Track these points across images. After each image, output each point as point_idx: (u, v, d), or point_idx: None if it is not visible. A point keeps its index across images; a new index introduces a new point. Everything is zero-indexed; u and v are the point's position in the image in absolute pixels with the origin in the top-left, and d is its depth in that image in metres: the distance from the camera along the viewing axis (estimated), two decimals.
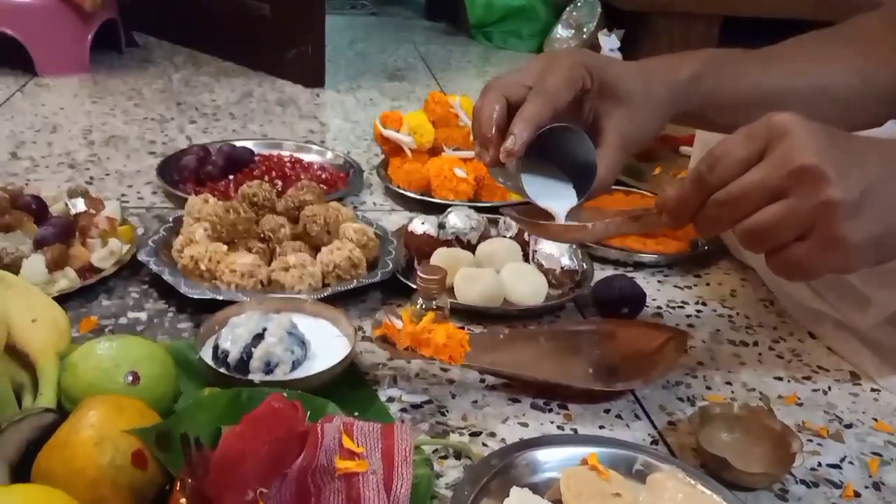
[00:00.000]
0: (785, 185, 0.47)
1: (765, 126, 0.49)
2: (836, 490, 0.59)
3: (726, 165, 0.49)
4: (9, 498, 0.42)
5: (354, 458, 0.48)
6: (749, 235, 0.49)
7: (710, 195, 0.50)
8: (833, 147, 0.47)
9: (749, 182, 0.48)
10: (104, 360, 0.55)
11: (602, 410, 0.66)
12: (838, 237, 0.47)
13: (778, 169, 0.47)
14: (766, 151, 0.48)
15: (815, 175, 0.46)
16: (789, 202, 0.47)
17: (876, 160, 0.49)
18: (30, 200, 0.85)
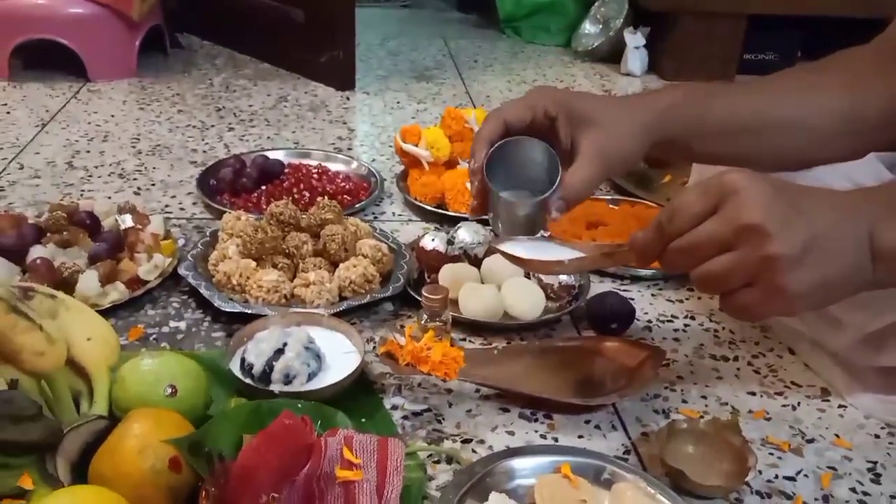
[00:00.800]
0: (732, 239, 0.53)
1: (718, 183, 0.54)
2: (788, 501, 0.66)
3: (683, 217, 0.56)
4: (73, 497, 0.52)
5: (353, 467, 0.57)
6: (701, 281, 0.56)
7: (669, 242, 0.57)
8: (778, 204, 0.52)
9: (702, 234, 0.54)
10: (148, 375, 0.65)
11: (583, 421, 0.73)
12: (780, 286, 0.52)
13: (727, 224, 0.53)
14: (718, 206, 0.54)
15: (758, 231, 0.51)
16: (736, 254, 0.53)
17: (820, 213, 0.54)
18: (84, 217, 0.95)
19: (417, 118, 1.51)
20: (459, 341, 0.83)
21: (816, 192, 0.57)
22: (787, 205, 0.53)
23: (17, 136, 1.31)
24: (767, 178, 0.55)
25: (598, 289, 0.93)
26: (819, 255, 0.53)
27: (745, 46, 1.82)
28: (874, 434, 0.74)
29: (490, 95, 1.66)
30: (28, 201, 1.10)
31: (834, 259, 0.53)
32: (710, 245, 0.54)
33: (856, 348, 0.75)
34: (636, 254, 0.61)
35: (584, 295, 0.90)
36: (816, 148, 0.74)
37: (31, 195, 1.12)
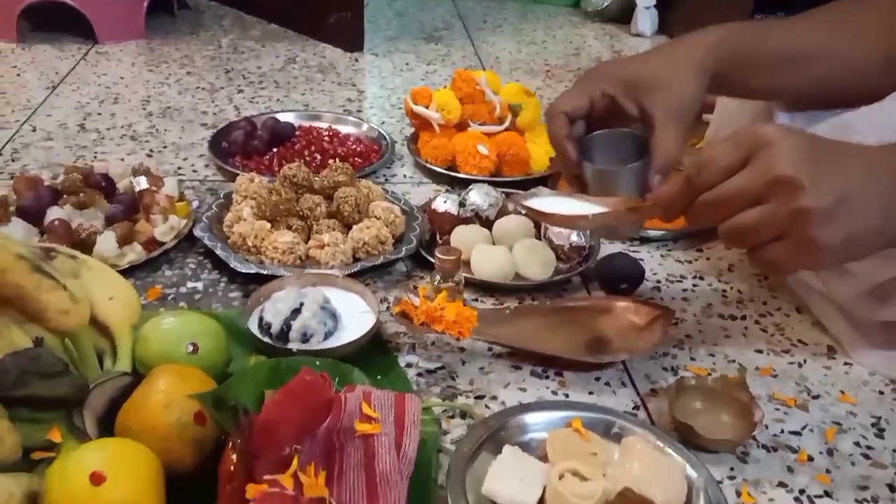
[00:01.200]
0: (764, 192, 0.53)
1: (750, 136, 0.55)
2: (793, 455, 0.68)
3: (713, 170, 0.56)
4: (106, 448, 0.54)
5: (371, 421, 0.58)
6: (731, 234, 0.56)
7: (697, 196, 0.57)
8: (811, 158, 0.53)
9: (732, 187, 0.55)
10: (169, 334, 0.67)
11: (593, 378, 0.75)
12: (811, 240, 0.53)
13: (759, 177, 0.53)
14: (749, 159, 0.54)
15: (791, 184, 0.52)
16: (767, 207, 0.53)
17: (852, 169, 0.54)
18: (100, 178, 0.97)
19: (427, 80, 1.51)
20: (472, 302, 0.85)
21: (848, 147, 0.57)
22: (820, 159, 0.53)
23: (29, 99, 1.32)
24: (801, 132, 0.55)
25: (608, 250, 0.94)
26: (850, 209, 0.53)
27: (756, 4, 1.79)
28: (878, 390, 0.75)
29: (499, 57, 1.65)
30: (42, 163, 1.11)
31: (864, 214, 0.54)
32: (740, 198, 0.54)
33: (861, 300, 0.75)
34: (662, 208, 0.62)
35: (595, 256, 0.91)
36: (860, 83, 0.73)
37: (44, 157, 1.13)
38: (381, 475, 0.56)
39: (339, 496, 0.55)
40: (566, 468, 0.60)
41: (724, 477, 0.65)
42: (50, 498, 0.51)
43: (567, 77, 1.56)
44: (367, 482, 0.56)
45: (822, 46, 0.72)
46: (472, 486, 0.60)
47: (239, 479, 0.51)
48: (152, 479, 0.53)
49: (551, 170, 1.11)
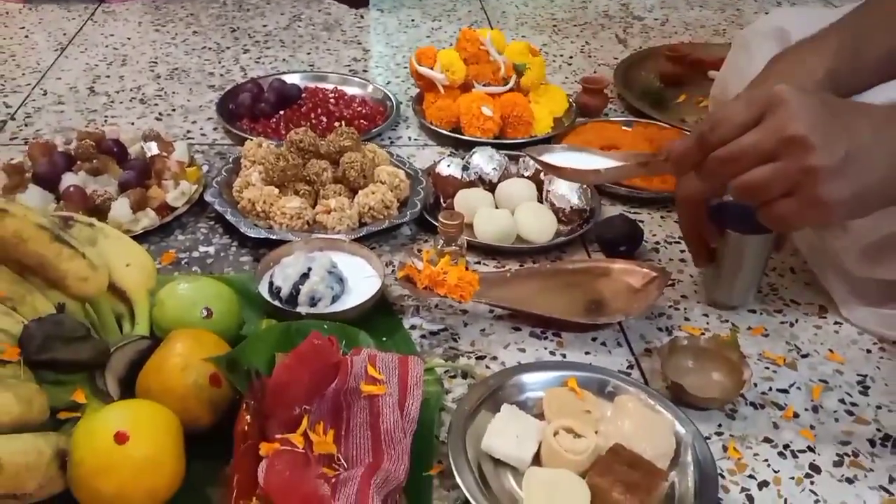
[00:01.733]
0: (776, 150, 0.55)
1: (764, 95, 0.56)
2: (779, 411, 0.71)
3: (727, 127, 0.57)
4: (129, 409, 0.58)
5: (376, 383, 0.62)
6: (743, 190, 0.58)
7: (710, 152, 0.58)
8: (823, 117, 0.54)
9: (745, 144, 0.56)
10: (185, 299, 0.70)
11: (590, 339, 0.78)
12: (819, 197, 0.55)
13: (771, 135, 0.55)
14: (762, 117, 0.56)
15: (802, 143, 0.54)
16: (779, 165, 0.55)
17: (862, 126, 0.56)
18: (111, 144, 0.99)
19: (432, 37, 1.51)
20: (474, 264, 0.87)
21: (858, 106, 0.59)
22: (831, 117, 0.55)
23: (38, 62, 1.33)
24: (813, 92, 0.56)
25: (609, 212, 0.96)
26: (858, 166, 0.54)
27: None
28: (866, 349, 0.78)
29: (506, 11, 1.64)
30: (54, 128, 1.13)
31: (872, 171, 0.55)
32: (753, 155, 0.56)
33: (857, 256, 0.77)
34: (674, 163, 0.63)
35: (595, 218, 0.93)
36: None
37: (56, 121, 1.15)
38: (386, 433, 0.59)
39: (346, 453, 0.59)
40: (560, 425, 0.63)
41: (712, 433, 0.68)
42: (77, 456, 0.54)
43: (573, 32, 1.55)
44: (373, 439, 0.59)
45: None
46: (471, 442, 0.63)
47: (253, 437, 0.55)
48: (173, 438, 0.57)
49: (555, 131, 1.12)
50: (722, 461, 0.65)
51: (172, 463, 0.56)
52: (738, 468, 0.65)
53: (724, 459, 0.66)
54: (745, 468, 0.65)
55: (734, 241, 0.76)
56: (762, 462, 0.66)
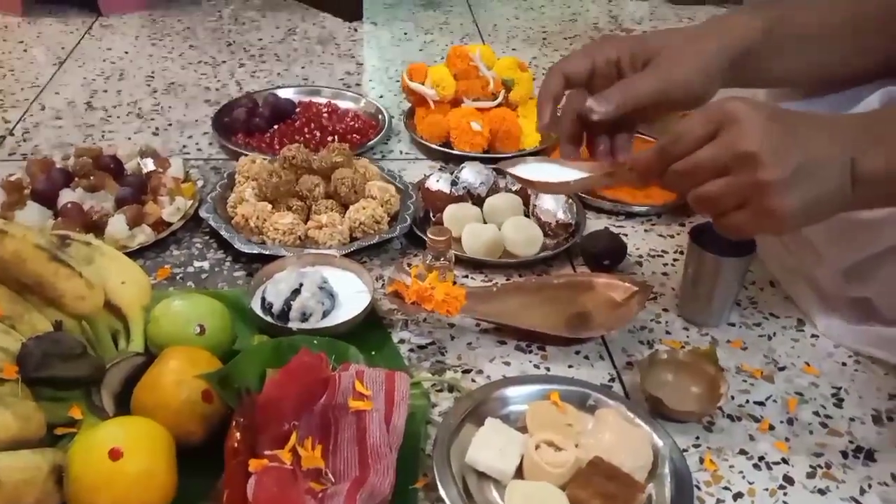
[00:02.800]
0: (729, 165, 0.58)
1: (719, 111, 0.59)
2: (756, 423, 0.73)
3: (685, 142, 0.60)
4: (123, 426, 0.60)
5: (363, 399, 0.64)
6: (698, 201, 0.61)
7: (670, 163, 0.61)
8: (773, 132, 0.57)
9: (701, 159, 0.59)
10: (179, 316, 0.72)
11: (573, 352, 0.80)
12: (769, 209, 0.57)
13: (724, 151, 0.58)
14: (718, 132, 0.59)
15: (753, 158, 0.56)
16: (731, 179, 0.58)
17: (813, 139, 0.58)
18: (108, 161, 1.01)
19: (425, 50, 1.53)
20: (461, 278, 0.90)
21: (810, 118, 0.61)
22: (782, 132, 0.57)
23: (37, 76, 1.36)
24: (766, 107, 0.59)
25: (594, 225, 0.98)
26: (806, 180, 0.57)
27: None
28: (841, 362, 0.80)
29: (497, 24, 1.67)
30: (53, 143, 1.15)
31: (820, 183, 0.58)
32: (707, 169, 0.59)
33: (834, 279, 0.80)
34: (638, 173, 0.65)
35: (581, 232, 0.95)
36: None
37: (55, 137, 1.17)
38: (372, 448, 0.61)
39: (333, 467, 0.61)
40: (542, 439, 0.66)
41: (690, 445, 0.70)
42: (73, 472, 0.57)
43: (563, 45, 1.58)
44: (360, 454, 0.61)
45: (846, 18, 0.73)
46: (456, 455, 0.65)
47: (243, 453, 0.57)
48: (166, 453, 0.59)
49: (543, 145, 1.14)
50: (698, 473, 0.68)
51: (165, 478, 0.59)
52: (714, 480, 0.67)
53: (701, 471, 0.68)
54: (721, 479, 0.67)
55: (712, 262, 0.79)
56: (737, 474, 0.68)
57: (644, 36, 0.71)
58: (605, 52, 0.70)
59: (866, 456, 0.70)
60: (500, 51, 1.49)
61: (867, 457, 0.70)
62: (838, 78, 0.77)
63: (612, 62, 0.70)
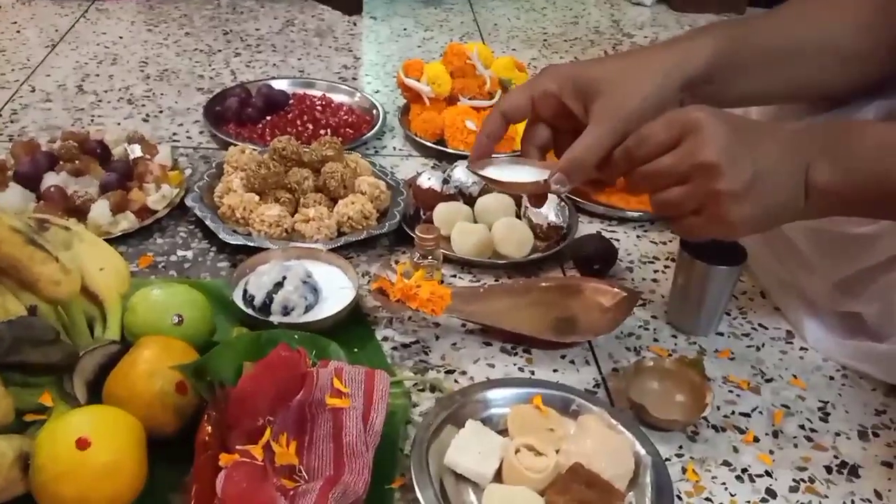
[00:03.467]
0: (688, 173, 0.59)
1: (683, 119, 0.60)
2: (740, 435, 0.72)
3: (648, 146, 0.61)
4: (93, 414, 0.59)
5: (341, 396, 0.62)
6: (659, 206, 0.63)
7: (634, 166, 0.62)
8: (732, 143, 0.58)
9: (662, 166, 0.61)
10: (157, 305, 0.71)
11: (559, 356, 0.79)
12: (722, 217, 0.59)
13: (685, 159, 0.59)
14: (680, 140, 0.60)
15: (711, 168, 0.58)
16: (689, 187, 0.60)
17: (767, 151, 0.60)
18: (95, 145, 0.99)
19: (423, 47, 1.52)
20: (450, 278, 0.88)
21: (767, 129, 0.63)
22: (740, 143, 0.59)
23: (28, 57, 1.34)
24: (728, 117, 0.60)
25: (586, 229, 0.97)
26: (760, 189, 0.59)
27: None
28: (829, 376, 0.79)
29: (497, 24, 1.66)
30: (40, 125, 1.14)
31: (773, 193, 0.60)
32: (668, 176, 0.61)
33: (825, 293, 0.80)
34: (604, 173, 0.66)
35: (572, 235, 0.94)
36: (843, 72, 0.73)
37: (43, 119, 1.15)
38: (348, 446, 0.60)
39: (308, 464, 0.59)
40: (522, 443, 0.64)
41: (673, 454, 0.69)
42: (39, 461, 0.55)
43: (563, 47, 1.57)
44: (335, 452, 0.60)
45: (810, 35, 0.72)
46: (435, 456, 0.64)
47: (213, 447, 0.56)
48: (135, 445, 0.58)
49: None
50: (680, 483, 0.66)
51: (133, 469, 0.57)
52: (696, 490, 0.66)
53: (683, 481, 0.67)
54: (703, 490, 0.66)
55: (702, 271, 0.78)
56: (720, 485, 0.67)
57: (586, 65, 0.69)
58: (544, 85, 0.68)
59: (850, 472, 0.69)
60: (499, 51, 1.49)
61: (851, 472, 0.69)
62: (813, 94, 0.77)
63: (551, 94, 0.67)
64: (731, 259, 0.78)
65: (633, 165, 0.62)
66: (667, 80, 0.66)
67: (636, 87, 0.66)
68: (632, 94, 0.65)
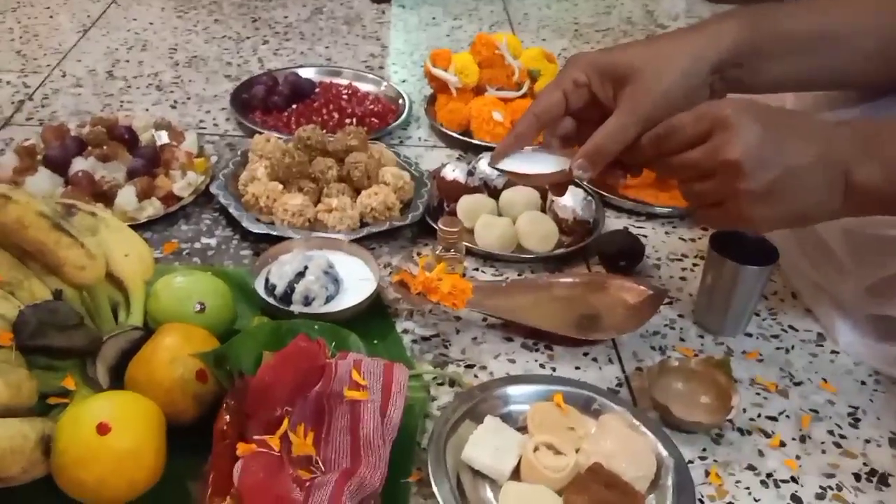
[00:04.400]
0: (713, 169, 0.59)
1: (713, 114, 0.59)
2: (766, 439, 0.70)
3: (677, 138, 0.61)
4: (113, 400, 0.59)
5: (360, 388, 0.62)
6: (685, 195, 0.63)
7: (662, 155, 0.62)
8: (761, 142, 0.57)
9: (689, 160, 0.60)
10: (179, 292, 0.71)
11: (581, 353, 0.78)
12: (744, 215, 0.60)
13: (710, 156, 0.59)
14: (709, 135, 0.59)
15: (734, 168, 0.58)
16: (712, 183, 0.60)
17: (798, 151, 0.59)
18: (123, 131, 1.00)
19: (452, 36, 1.50)
20: (472, 271, 0.87)
21: (803, 126, 0.61)
22: (770, 142, 0.58)
23: (60, 42, 1.35)
24: (762, 113, 0.58)
25: (613, 225, 0.96)
26: (787, 190, 0.59)
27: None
28: (860, 380, 0.77)
29: (528, 13, 1.64)
30: (71, 110, 1.15)
31: (803, 193, 0.59)
32: (694, 170, 0.61)
33: (858, 295, 0.77)
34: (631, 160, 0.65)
35: (598, 231, 0.93)
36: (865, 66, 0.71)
37: (73, 104, 1.16)
38: (365, 439, 0.60)
39: (324, 456, 0.59)
40: (541, 441, 0.64)
41: (696, 457, 0.68)
42: (60, 444, 0.55)
43: (595, 38, 1.54)
44: (352, 445, 0.60)
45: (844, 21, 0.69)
46: (452, 451, 0.64)
47: (231, 437, 0.56)
48: (155, 431, 0.58)
49: None
50: (703, 486, 0.65)
51: (153, 455, 0.57)
52: (719, 495, 0.65)
53: (705, 485, 0.65)
54: (726, 495, 0.65)
55: (732, 270, 0.76)
56: (743, 490, 0.65)
57: (614, 52, 0.67)
58: (573, 75, 0.66)
59: (880, 480, 0.67)
60: (529, 41, 1.47)
61: (881, 481, 0.67)
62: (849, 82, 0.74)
63: (582, 84, 0.66)
64: (761, 259, 0.76)
65: (660, 155, 0.62)
66: (696, 64, 0.64)
67: (664, 72, 0.64)
68: (659, 81, 0.64)
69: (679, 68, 0.64)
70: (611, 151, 0.64)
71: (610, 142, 0.64)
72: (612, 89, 0.65)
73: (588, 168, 0.64)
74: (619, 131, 0.63)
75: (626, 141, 0.64)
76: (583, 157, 0.64)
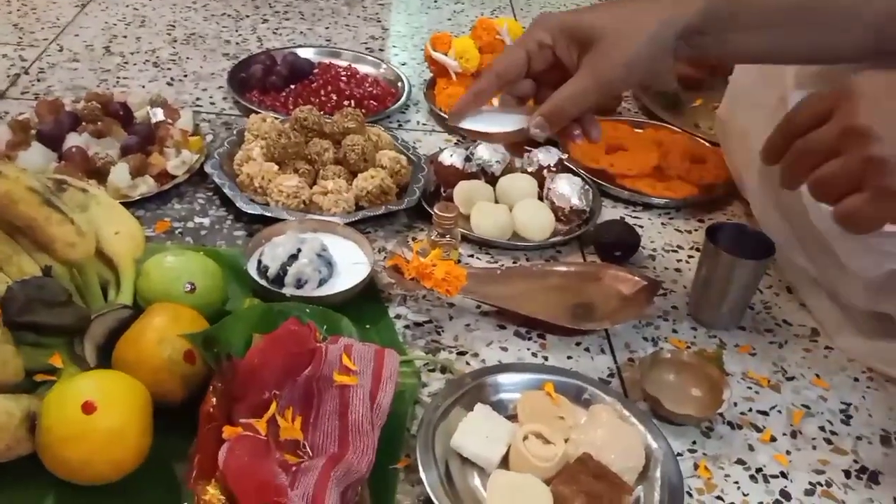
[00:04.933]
0: (838, 143, 0.52)
1: (837, 89, 0.53)
2: (757, 433, 0.70)
3: (797, 122, 0.55)
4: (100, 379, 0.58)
5: (349, 373, 0.62)
6: (814, 187, 0.55)
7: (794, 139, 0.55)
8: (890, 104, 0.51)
9: (812, 140, 0.54)
10: (170, 272, 0.70)
11: (574, 343, 0.77)
12: (887, 189, 0.50)
13: (834, 128, 0.52)
14: (833, 111, 0.53)
15: (862, 134, 0.50)
16: (842, 159, 0.52)
17: None
18: (118, 107, 0.99)
19: (453, 20, 1.49)
20: (467, 257, 0.87)
21: None
22: None
23: (58, 17, 1.33)
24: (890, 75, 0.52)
25: (609, 214, 0.95)
26: None
27: None
28: (853, 377, 0.77)
29: None
30: (66, 85, 1.13)
31: None
32: (819, 150, 0.53)
33: (856, 292, 0.77)
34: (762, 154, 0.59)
35: (594, 220, 0.92)
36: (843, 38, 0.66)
37: (69, 79, 1.15)
38: (354, 424, 0.59)
39: (312, 440, 0.59)
40: (531, 430, 0.63)
41: (685, 450, 0.67)
42: (45, 422, 0.55)
43: None
44: (340, 429, 0.59)
45: None
46: (441, 438, 0.63)
47: (218, 419, 0.55)
48: (141, 411, 0.58)
49: None
50: (691, 479, 0.65)
51: (139, 436, 0.57)
52: (707, 488, 0.64)
53: (694, 478, 0.65)
54: (714, 488, 0.64)
55: (727, 262, 0.76)
56: (732, 484, 0.65)
57: (580, 13, 0.65)
58: (537, 36, 0.64)
59: (870, 478, 0.67)
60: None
61: (871, 479, 0.67)
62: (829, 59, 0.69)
63: (545, 45, 0.64)
64: (758, 252, 0.75)
65: (789, 142, 0.56)
66: (662, 29, 0.62)
67: (630, 37, 0.62)
68: (625, 45, 0.62)
69: (646, 33, 0.62)
70: (570, 114, 0.64)
71: (570, 104, 0.63)
72: (576, 52, 0.64)
73: (546, 128, 0.64)
74: (579, 94, 0.63)
75: (586, 104, 0.63)
76: (541, 117, 0.64)
